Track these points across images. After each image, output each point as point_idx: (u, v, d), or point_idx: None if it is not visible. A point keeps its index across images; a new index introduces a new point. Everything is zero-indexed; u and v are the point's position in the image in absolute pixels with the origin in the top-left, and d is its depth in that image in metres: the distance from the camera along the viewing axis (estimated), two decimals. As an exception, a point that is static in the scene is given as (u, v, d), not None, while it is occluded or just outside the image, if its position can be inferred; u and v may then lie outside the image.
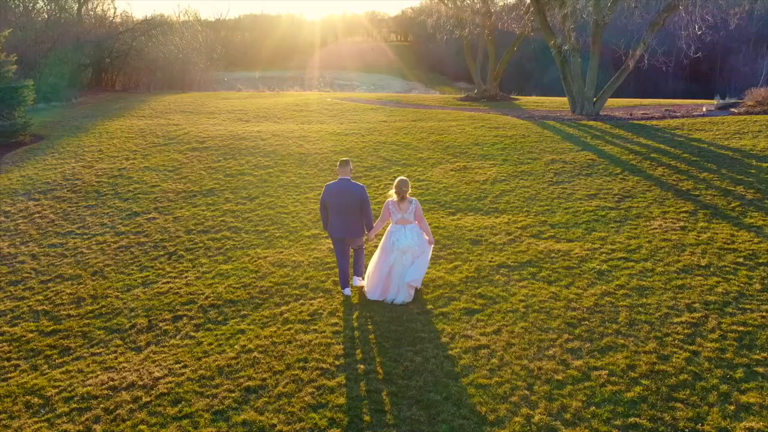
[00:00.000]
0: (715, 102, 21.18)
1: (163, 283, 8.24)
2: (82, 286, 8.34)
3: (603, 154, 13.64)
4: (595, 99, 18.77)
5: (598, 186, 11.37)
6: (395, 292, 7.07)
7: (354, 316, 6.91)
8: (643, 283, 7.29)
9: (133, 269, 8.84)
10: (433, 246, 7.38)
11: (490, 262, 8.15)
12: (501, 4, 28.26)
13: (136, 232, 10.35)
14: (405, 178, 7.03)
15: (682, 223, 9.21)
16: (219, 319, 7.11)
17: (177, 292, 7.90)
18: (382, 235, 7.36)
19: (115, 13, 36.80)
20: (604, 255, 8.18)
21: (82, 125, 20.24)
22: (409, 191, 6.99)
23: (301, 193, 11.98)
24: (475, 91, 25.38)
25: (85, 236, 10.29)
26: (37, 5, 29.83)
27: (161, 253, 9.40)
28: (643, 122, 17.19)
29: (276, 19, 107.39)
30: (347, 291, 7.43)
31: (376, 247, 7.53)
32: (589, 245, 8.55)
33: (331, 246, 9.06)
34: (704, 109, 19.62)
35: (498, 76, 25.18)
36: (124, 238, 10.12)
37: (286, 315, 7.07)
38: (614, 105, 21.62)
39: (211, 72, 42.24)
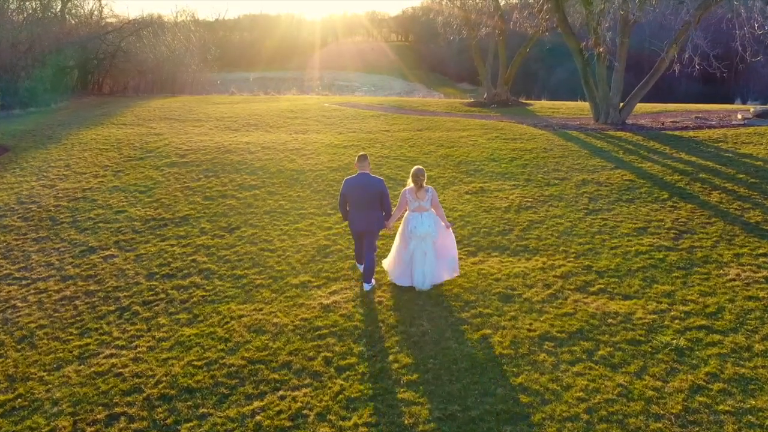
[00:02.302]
0: (750, 108, 19.32)
1: (104, 357, 6.37)
2: (0, 360, 6.47)
3: (642, 173, 11.75)
4: (621, 106, 16.89)
5: (646, 216, 9.49)
6: (420, 279, 7.23)
7: (351, 423, 5.03)
8: (743, 370, 5.41)
9: (71, 333, 6.96)
10: (451, 228, 7.59)
11: (529, 331, 6.27)
12: (510, 2, 26.38)
13: (86, 277, 8.47)
14: (421, 167, 7.20)
15: (765, 272, 7.33)
16: (168, 421, 5.23)
17: (120, 373, 6.03)
18: (399, 223, 7.47)
19: (102, 12, 34.80)
20: (677, 322, 6.30)
21: (54, 134, 18.39)
22: (426, 180, 7.16)
23: (290, 223, 10.11)
24: (485, 95, 23.51)
25: (23, 282, 8.42)
26: (12, 5, 27.92)
27: (112, 308, 7.52)
28: (677, 133, 15.31)
29: (275, 19, 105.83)
30: (362, 267, 7.60)
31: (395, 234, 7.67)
32: (653, 305, 6.67)
33: (323, 302, 7.20)
34: (740, 117, 17.75)
35: (509, 80, 23.30)
36: (71, 285, 8.24)
37: (258, 417, 5.19)
38: (636, 111, 19.72)
39: (205, 74, 40.33)
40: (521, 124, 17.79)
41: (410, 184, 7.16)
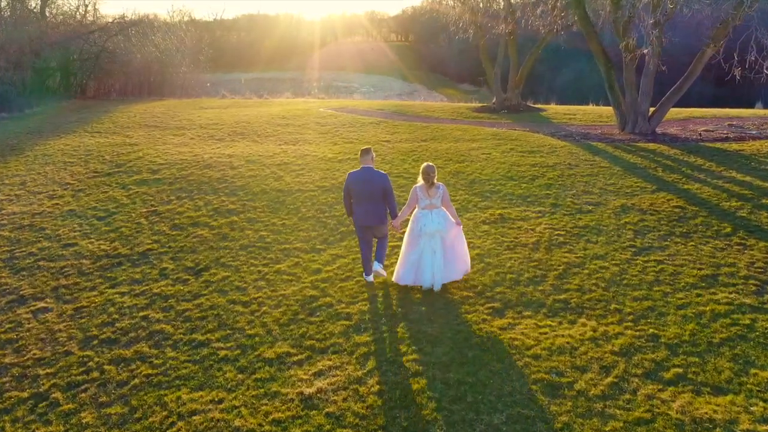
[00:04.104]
0: (789, 115, 17.52)
1: (-7, 486, 4.53)
2: None
3: (691, 197, 9.92)
4: (651, 112, 15.06)
5: (711, 258, 7.65)
6: (429, 279, 7.00)
7: None
8: None
9: (-39, 438, 5.12)
10: (461, 226, 7.28)
11: (593, 451, 4.43)
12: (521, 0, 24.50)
13: (4, 343, 6.62)
14: (431, 163, 6.99)
15: None
16: None
17: None
18: (408, 222, 7.23)
19: (86, 10, 32.91)
20: (802, 438, 4.46)
21: (19, 144, 16.55)
22: (436, 176, 6.97)
23: (271, 262, 8.27)
24: (494, 100, 21.67)
25: (-77, 349, 6.57)
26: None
27: (25, 394, 5.67)
28: (719, 145, 13.47)
29: (274, 19, 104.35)
30: (370, 278, 7.35)
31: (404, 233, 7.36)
32: (760, 406, 4.82)
33: (305, 391, 5.36)
34: (780, 125, 15.94)
35: (520, 84, 21.46)
36: (-18, 355, 6.40)
37: None
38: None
39: (197, 75, 38.42)
40: (537, 134, 15.97)
41: (420, 181, 6.95)
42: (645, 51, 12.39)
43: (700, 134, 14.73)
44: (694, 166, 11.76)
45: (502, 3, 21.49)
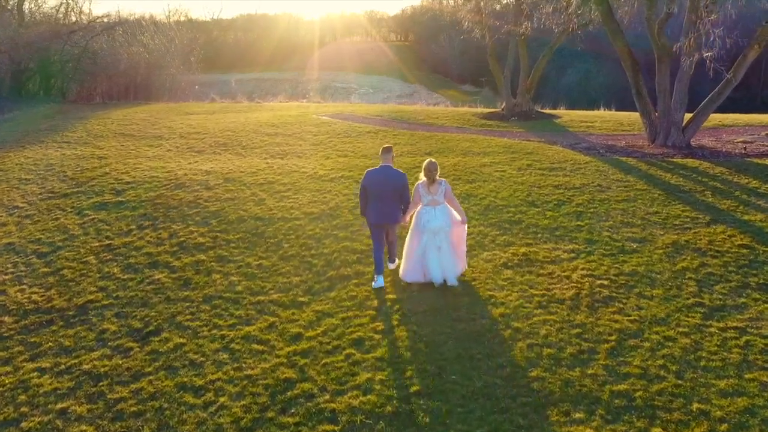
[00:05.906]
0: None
1: None
2: None
3: (757, 232, 8.15)
4: (687, 120, 13.28)
5: (807, 325, 5.89)
6: (439, 275, 6.95)
7: None
8: None
9: None
10: (467, 224, 7.25)
11: None
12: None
13: None
14: (434, 160, 6.98)
15: None
16: None
17: None
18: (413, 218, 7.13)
19: (67, 9, 31.12)
20: None
21: (-25, 157, 14.78)
22: (439, 173, 6.92)
23: (239, 323, 6.50)
24: (503, 105, 19.90)
25: None
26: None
27: None
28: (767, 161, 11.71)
29: (273, 19, 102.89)
30: (380, 282, 7.06)
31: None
32: None
33: None
34: (826, 135, 14.21)
35: (531, 88, 19.71)
36: None
37: None
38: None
39: (187, 76, 36.60)
40: (555, 145, 14.21)
41: (422, 178, 6.93)
42: (706, 54, 10.56)
43: (744, 148, 12.94)
44: (749, 189, 10.00)
45: (513, 1, 19.72)
